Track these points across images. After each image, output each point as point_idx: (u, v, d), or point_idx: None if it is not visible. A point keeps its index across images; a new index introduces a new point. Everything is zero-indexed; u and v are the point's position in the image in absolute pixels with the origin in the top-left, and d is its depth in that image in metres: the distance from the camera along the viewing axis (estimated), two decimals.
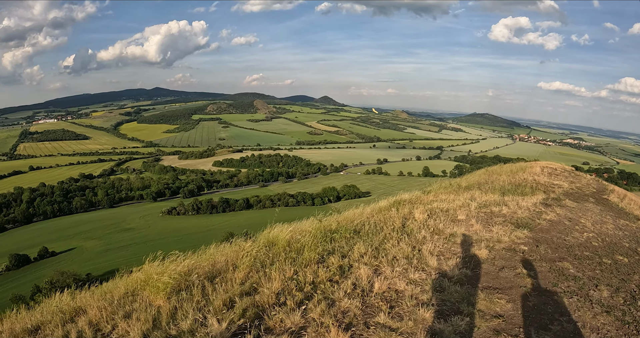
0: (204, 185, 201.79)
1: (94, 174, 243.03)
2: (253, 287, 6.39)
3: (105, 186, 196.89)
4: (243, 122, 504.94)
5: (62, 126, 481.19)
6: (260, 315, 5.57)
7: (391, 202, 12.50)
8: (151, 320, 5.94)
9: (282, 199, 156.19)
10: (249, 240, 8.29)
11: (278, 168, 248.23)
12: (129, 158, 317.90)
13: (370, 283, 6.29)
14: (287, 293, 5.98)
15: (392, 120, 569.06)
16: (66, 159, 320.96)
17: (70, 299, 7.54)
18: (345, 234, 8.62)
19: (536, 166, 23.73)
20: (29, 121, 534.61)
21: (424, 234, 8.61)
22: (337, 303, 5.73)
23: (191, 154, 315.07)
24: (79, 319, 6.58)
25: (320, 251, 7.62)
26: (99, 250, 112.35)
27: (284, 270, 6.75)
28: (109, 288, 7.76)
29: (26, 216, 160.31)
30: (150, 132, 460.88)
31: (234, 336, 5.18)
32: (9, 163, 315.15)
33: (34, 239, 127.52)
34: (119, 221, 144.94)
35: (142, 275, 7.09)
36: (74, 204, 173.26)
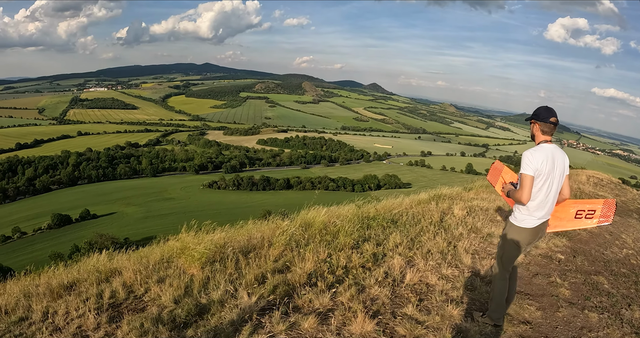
0: (247, 162, 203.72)
1: (139, 143, 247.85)
2: (286, 265, 6.49)
3: (150, 155, 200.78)
4: (290, 103, 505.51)
5: (112, 95, 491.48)
6: (290, 293, 5.65)
7: (431, 195, 12.40)
8: (183, 287, 6.12)
9: (323, 183, 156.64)
10: (286, 219, 8.38)
11: (321, 151, 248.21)
12: (174, 130, 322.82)
13: (402, 273, 6.27)
14: (318, 275, 6.04)
15: (440, 113, 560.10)
16: (114, 127, 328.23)
17: (107, 260, 7.88)
18: (382, 222, 8.60)
19: (582, 175, 23.09)
20: (80, 88, 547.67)
21: (461, 231, 8.53)
22: (367, 290, 5.75)
23: (236, 131, 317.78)
24: (114, 280, 6.85)
25: (355, 237, 7.64)
26: (139, 216, 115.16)
27: (318, 251, 6.81)
28: (145, 253, 8.06)
29: (71, 179, 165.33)
30: (198, 106, 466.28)
31: (262, 310, 5.26)
32: (58, 127, 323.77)
33: (77, 201, 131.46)
34: (160, 191, 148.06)
35: (178, 243, 7.22)
36: (118, 170, 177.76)
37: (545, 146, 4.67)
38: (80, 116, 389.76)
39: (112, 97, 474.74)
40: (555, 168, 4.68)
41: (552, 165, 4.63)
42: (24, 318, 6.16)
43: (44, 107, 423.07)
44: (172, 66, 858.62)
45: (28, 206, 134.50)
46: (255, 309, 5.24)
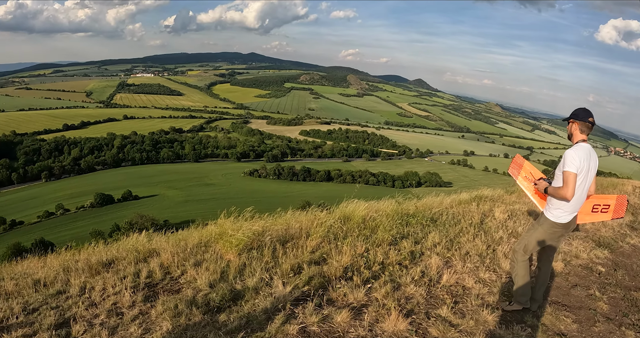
0: (288, 152, 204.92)
1: (183, 129, 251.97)
2: (323, 257, 6.49)
3: (193, 141, 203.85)
4: (334, 96, 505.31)
5: (158, 81, 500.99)
6: (325, 285, 5.64)
7: (472, 196, 12.21)
8: (219, 272, 6.18)
9: (363, 177, 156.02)
10: (325, 211, 8.38)
11: (363, 145, 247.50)
12: (218, 117, 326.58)
13: (439, 274, 6.18)
14: (355, 269, 6.01)
15: (485, 112, 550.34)
16: (159, 112, 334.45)
17: (147, 241, 8.03)
18: (421, 220, 8.50)
19: (628, 185, 22.25)
20: (127, 73, 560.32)
21: (501, 234, 8.35)
22: (403, 288, 5.69)
23: (279, 121, 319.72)
24: (152, 260, 6.99)
25: (394, 233, 7.55)
26: (179, 200, 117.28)
27: (356, 245, 6.76)
28: (184, 236, 8.17)
29: (115, 161, 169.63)
30: (242, 95, 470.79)
31: (296, 301, 5.27)
32: (105, 110, 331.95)
33: (120, 182, 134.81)
34: (201, 176, 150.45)
35: (217, 228, 7.32)
36: (162, 154, 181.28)
37: (583, 145, 4.88)
38: (127, 100, 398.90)
39: (159, 83, 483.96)
40: (590, 167, 4.91)
41: (588, 164, 4.86)
42: (61, 292, 6.36)
43: (92, 91, 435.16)
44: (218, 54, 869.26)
45: (72, 184, 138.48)
46: (289, 299, 5.26)
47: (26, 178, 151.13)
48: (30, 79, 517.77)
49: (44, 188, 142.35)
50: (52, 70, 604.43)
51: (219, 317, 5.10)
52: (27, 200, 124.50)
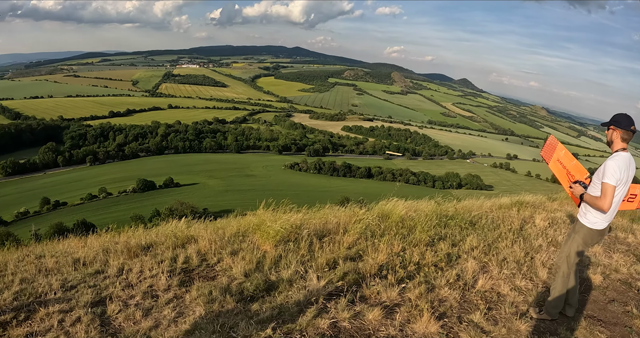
0: (330, 147, 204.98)
1: (227, 120, 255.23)
2: (359, 254, 6.48)
3: (236, 132, 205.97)
4: (377, 93, 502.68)
5: (203, 72, 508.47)
6: (359, 282, 5.64)
7: (513, 201, 11.97)
8: (255, 262, 6.28)
9: (404, 175, 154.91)
10: (363, 208, 8.34)
11: (405, 143, 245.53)
12: (261, 109, 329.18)
13: (475, 278, 6.08)
14: (390, 268, 5.97)
15: (530, 115, 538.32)
16: (203, 102, 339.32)
17: (185, 227, 8.18)
18: (460, 223, 8.39)
19: None
20: (173, 64, 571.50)
21: (540, 242, 8.15)
22: (437, 290, 5.62)
23: (322, 115, 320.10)
24: (189, 247, 7.15)
25: (431, 234, 7.47)
26: (220, 189, 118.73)
27: (392, 244, 6.73)
28: (222, 225, 8.33)
29: (159, 148, 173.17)
30: (286, 88, 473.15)
31: (329, 295, 5.29)
32: (150, 99, 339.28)
33: (162, 169, 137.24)
34: (242, 167, 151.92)
35: (255, 219, 7.43)
36: (204, 144, 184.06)
37: (623, 155, 4.76)
38: (172, 90, 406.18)
39: (203, 75, 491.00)
40: (629, 176, 4.81)
41: (627, 174, 4.76)
42: (100, 272, 6.61)
43: (138, 80, 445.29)
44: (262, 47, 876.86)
45: (116, 169, 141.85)
46: (322, 293, 5.28)
47: (71, 161, 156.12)
48: (79, 67, 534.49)
49: (88, 171, 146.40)
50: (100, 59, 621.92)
51: (252, 306, 5.18)
52: (71, 183, 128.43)
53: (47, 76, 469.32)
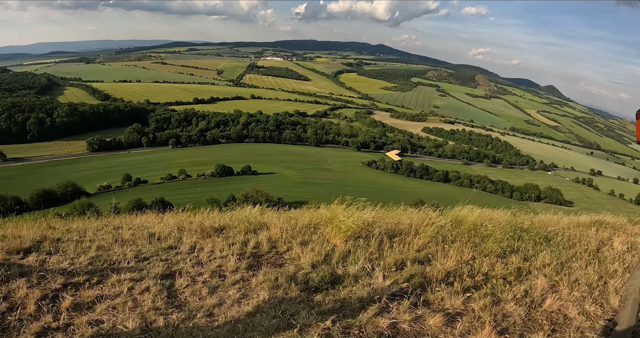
0: (409, 147, 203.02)
1: (307, 113, 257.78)
2: (427, 258, 6.42)
3: (316, 126, 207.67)
4: (460, 95, 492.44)
5: (287, 65, 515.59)
6: (424, 286, 5.61)
7: (593, 220, 11.38)
8: (324, 254, 6.39)
9: (481, 183, 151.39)
10: (437, 212, 8.26)
11: (485, 149, 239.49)
12: (342, 105, 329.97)
13: (543, 297, 5.83)
14: (457, 275, 5.89)
15: (618, 130, 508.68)
16: (285, 94, 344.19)
17: (259, 214, 8.46)
18: (534, 237, 8.11)
19: None
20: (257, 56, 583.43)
21: (616, 267, 7.70)
22: (502, 304, 5.47)
23: (403, 115, 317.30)
24: (261, 233, 7.37)
25: (504, 245, 7.24)
26: (295, 180, 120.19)
27: (463, 251, 6.63)
28: (295, 216, 8.47)
29: (239, 136, 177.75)
30: (368, 85, 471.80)
31: (392, 295, 5.32)
32: (233, 88, 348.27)
33: (241, 156, 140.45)
34: (319, 160, 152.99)
35: (328, 212, 7.55)
36: (284, 135, 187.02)
37: None
38: (255, 81, 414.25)
39: (287, 68, 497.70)
40: None
41: None
42: (172, 247, 7.00)
43: (223, 70, 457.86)
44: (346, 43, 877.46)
45: (196, 153, 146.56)
46: (386, 292, 5.32)
47: (155, 142, 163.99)
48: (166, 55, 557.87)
49: (169, 153, 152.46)
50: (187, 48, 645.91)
51: (315, 297, 5.30)
52: (153, 162, 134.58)
53: (135, 62, 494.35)
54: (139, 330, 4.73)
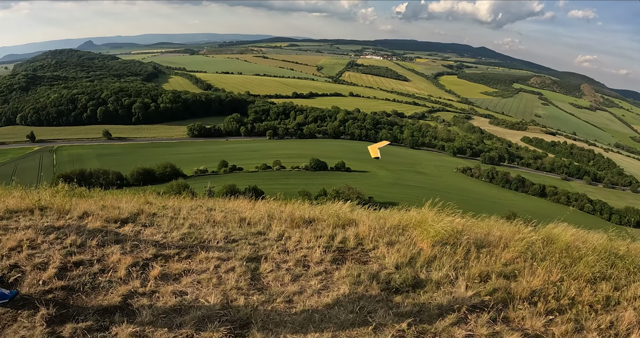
0: (506, 157, 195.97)
1: (405, 114, 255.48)
2: (514, 273, 6.26)
3: (413, 128, 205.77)
4: (564, 105, 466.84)
5: (386, 65, 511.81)
6: (506, 302, 5.51)
7: None
8: (409, 256, 6.43)
9: (579, 201, 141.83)
10: (529, 227, 7.93)
11: (587, 165, 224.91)
12: (441, 108, 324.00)
13: (628, 332, 5.40)
14: (542, 296, 5.70)
15: None
16: (383, 94, 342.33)
17: (349, 211, 8.59)
18: (629, 265, 7.55)
19: None
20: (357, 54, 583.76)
21: None
22: (584, 333, 5.22)
23: (502, 122, 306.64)
24: (349, 229, 7.52)
25: (595, 271, 6.79)
26: (388, 181, 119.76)
27: (551, 271, 6.34)
28: (384, 215, 8.55)
29: (335, 132, 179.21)
30: (468, 89, 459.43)
31: (472, 307, 5.28)
32: (332, 85, 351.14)
33: (336, 152, 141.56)
34: (414, 163, 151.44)
35: (418, 215, 7.60)
36: (380, 134, 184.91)
37: None
38: (354, 78, 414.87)
39: (386, 67, 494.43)
40: None
41: None
42: (261, 233, 7.37)
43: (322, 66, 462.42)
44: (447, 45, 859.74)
45: (292, 146, 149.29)
46: (467, 303, 5.29)
47: (252, 133, 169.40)
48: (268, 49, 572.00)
49: (266, 144, 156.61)
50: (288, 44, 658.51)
51: (395, 297, 5.38)
52: (249, 152, 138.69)
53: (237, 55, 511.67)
54: (220, 305, 5.06)
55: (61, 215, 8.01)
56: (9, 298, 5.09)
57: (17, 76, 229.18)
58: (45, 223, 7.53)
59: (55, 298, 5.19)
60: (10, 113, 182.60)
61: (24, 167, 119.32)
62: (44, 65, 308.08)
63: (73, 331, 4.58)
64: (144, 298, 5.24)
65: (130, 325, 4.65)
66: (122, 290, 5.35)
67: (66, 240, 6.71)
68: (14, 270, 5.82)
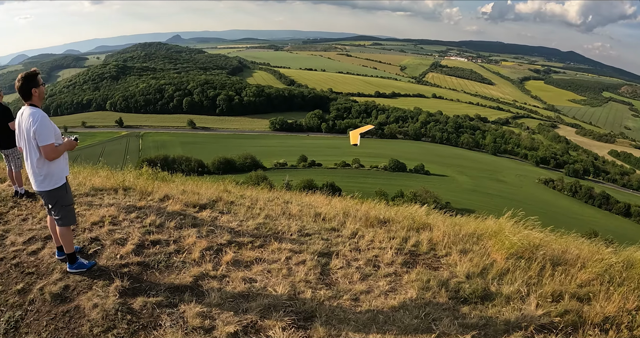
0: (591, 170, 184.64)
1: (488, 118, 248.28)
2: (588, 296, 5.91)
3: (496, 133, 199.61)
4: None
5: (471, 67, 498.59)
6: (576, 325, 5.23)
7: None
8: (481, 267, 6.33)
9: None
10: (610, 248, 7.57)
11: None
12: (526, 114, 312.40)
13: None
14: (615, 324, 5.33)
15: None
16: (467, 97, 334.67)
17: (425, 214, 8.64)
18: None
19: None
20: (441, 55, 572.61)
21: None
22: None
23: (589, 133, 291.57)
24: (423, 233, 7.52)
25: None
26: (467, 187, 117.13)
27: (627, 298, 5.87)
28: (460, 223, 8.40)
29: (416, 134, 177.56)
30: (555, 96, 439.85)
31: (541, 327, 5.11)
32: (415, 86, 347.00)
33: (415, 154, 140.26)
34: (494, 170, 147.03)
35: (494, 225, 7.46)
36: (461, 139, 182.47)
37: None
38: (437, 80, 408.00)
39: (471, 69, 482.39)
40: None
41: None
42: (335, 229, 7.51)
43: (405, 66, 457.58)
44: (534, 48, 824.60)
45: (372, 145, 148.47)
46: (535, 322, 5.13)
47: (333, 130, 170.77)
48: (351, 47, 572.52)
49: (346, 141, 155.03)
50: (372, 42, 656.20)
51: (462, 308, 5.33)
52: (329, 148, 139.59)
53: (321, 52, 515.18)
54: (287, 296, 5.21)
55: (143, 196, 8.60)
56: (87, 268, 5.66)
57: (108, 66, 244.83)
58: (127, 202, 8.13)
59: (130, 272, 5.61)
60: (100, 100, 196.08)
61: (111, 150, 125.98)
62: (133, 56, 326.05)
63: (143, 304, 4.91)
64: (214, 281, 5.51)
65: (198, 305, 4.90)
66: (194, 272, 5.65)
67: (146, 220, 7.21)
68: (94, 243, 6.40)
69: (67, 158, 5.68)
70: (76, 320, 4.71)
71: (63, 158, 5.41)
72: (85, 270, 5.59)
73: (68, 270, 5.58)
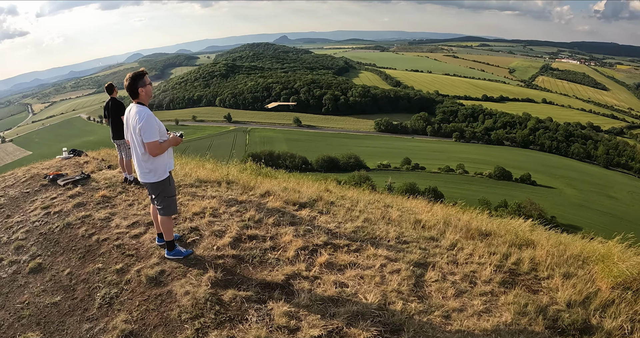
0: None
1: (601, 127, 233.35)
2: None
3: (609, 144, 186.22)
4: None
5: (584, 70, 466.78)
6: None
7: None
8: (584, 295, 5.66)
9: None
10: None
11: None
12: None
13: None
14: None
15: None
16: (579, 103, 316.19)
17: (529, 230, 8.05)
18: None
19: None
20: (552, 57, 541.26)
21: None
22: None
23: None
24: (525, 250, 6.91)
25: None
26: (575, 201, 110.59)
27: None
28: (565, 242, 7.65)
29: (524, 141, 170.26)
30: None
31: None
32: (524, 89, 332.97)
33: (522, 163, 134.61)
34: (605, 184, 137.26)
35: (602, 248, 6.73)
36: (572, 149, 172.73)
37: None
38: (548, 84, 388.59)
39: (583, 73, 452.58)
40: None
41: None
42: (434, 239, 7.19)
43: (514, 69, 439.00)
44: None
45: (477, 151, 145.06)
46: None
47: (438, 133, 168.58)
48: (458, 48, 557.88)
49: (451, 146, 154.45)
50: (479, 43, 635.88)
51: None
52: (433, 152, 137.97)
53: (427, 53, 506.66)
54: (376, 305, 5.04)
55: (245, 190, 8.84)
56: (184, 256, 5.97)
57: (217, 65, 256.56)
58: (229, 195, 8.39)
59: (224, 264, 5.77)
60: (210, 96, 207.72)
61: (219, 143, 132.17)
62: (242, 56, 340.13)
63: (233, 297, 5.01)
64: (306, 282, 5.48)
65: (287, 304, 4.91)
66: (287, 270, 5.67)
67: (245, 214, 7.39)
68: (193, 233, 6.68)
69: (172, 153, 5.94)
70: (167, 304, 4.95)
71: (167, 153, 5.68)
72: (182, 258, 5.90)
73: (166, 256, 5.94)
